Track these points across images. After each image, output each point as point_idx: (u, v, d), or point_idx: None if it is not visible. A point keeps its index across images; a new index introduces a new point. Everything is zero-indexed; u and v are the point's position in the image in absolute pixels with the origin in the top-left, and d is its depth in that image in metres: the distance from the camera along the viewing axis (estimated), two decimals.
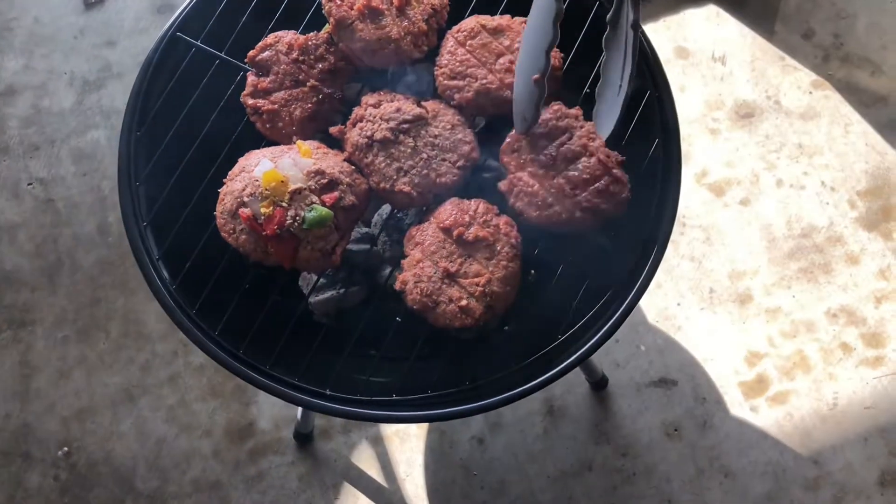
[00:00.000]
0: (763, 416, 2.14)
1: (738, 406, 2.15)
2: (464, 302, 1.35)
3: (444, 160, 1.42)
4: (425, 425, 2.15)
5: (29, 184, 2.47)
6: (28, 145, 2.51)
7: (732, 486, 2.08)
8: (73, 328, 2.30)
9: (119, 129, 1.51)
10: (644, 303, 2.26)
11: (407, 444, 2.15)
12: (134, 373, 2.24)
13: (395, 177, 1.41)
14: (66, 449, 2.18)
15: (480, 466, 2.12)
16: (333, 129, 1.46)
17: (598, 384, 2.16)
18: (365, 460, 2.14)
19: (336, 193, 1.36)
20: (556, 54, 1.48)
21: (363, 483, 2.12)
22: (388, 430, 2.16)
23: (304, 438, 2.13)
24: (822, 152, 2.40)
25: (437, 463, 2.13)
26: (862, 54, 2.51)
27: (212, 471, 2.14)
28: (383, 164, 1.41)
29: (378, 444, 2.15)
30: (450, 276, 1.37)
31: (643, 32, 1.43)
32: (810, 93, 2.48)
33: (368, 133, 1.42)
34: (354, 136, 1.43)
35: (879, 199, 2.34)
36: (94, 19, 2.66)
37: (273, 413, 2.18)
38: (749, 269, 2.29)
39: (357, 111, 1.45)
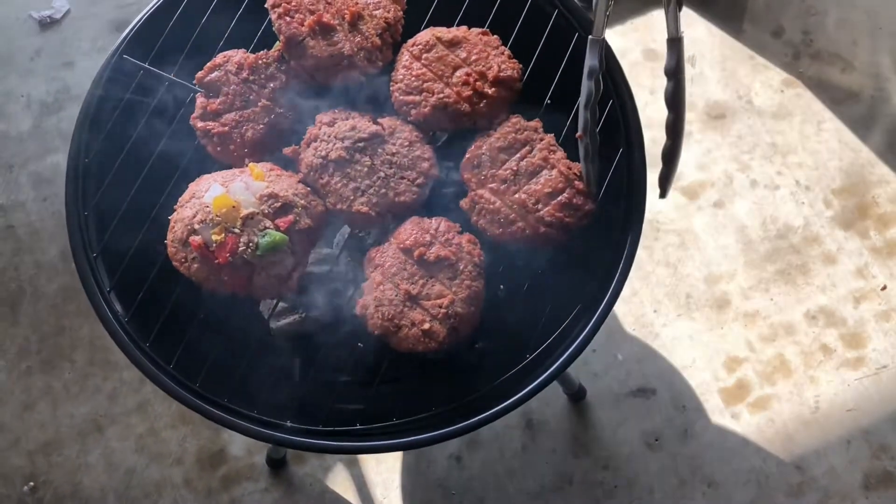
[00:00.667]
0: (744, 422, 2.11)
1: (718, 413, 2.12)
2: (427, 325, 1.31)
3: (402, 178, 1.38)
4: None
5: None
6: None
7: (716, 496, 2.04)
8: (37, 358, 2.23)
9: None
10: (620, 311, 2.22)
11: (383, 465, 2.10)
12: (101, 402, 2.18)
13: (352, 197, 1.37)
14: (31, 484, 2.11)
15: (459, 485, 2.07)
16: (287, 150, 1.41)
17: (576, 396, 2.12)
18: (340, 483, 2.09)
19: (291, 217, 1.31)
20: (514, 65, 1.44)
21: None
22: None
23: (277, 463, 2.08)
24: (796, 151, 2.38)
25: (415, 484, 2.08)
26: (832, 51, 2.49)
27: (184, 500, 2.09)
28: (340, 185, 1.37)
29: (354, 466, 2.10)
30: (412, 299, 1.32)
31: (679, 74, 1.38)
32: (782, 91, 2.45)
33: (323, 153, 1.37)
34: (309, 156, 1.39)
35: (854, 197, 2.32)
36: (50, 40, 2.60)
37: (245, 438, 2.12)
38: (725, 272, 2.25)
39: (311, 131, 1.40)
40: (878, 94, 2.42)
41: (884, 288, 2.21)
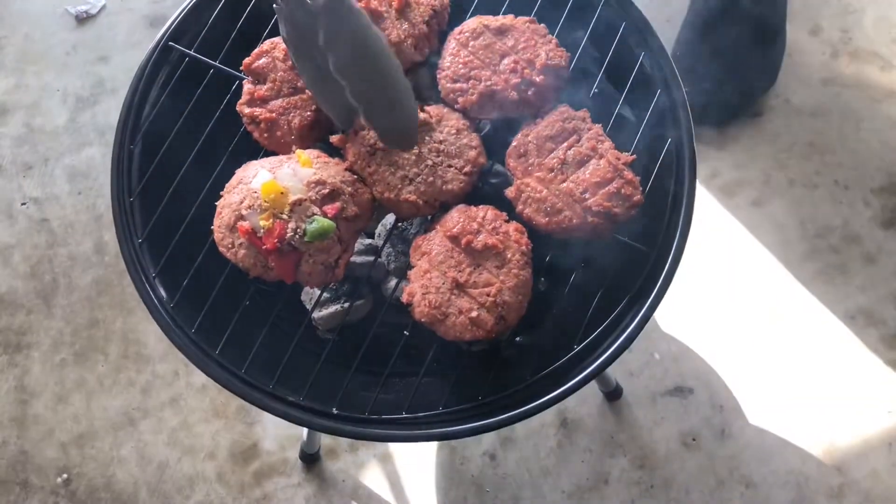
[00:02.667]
0: (783, 423, 2.08)
1: (756, 414, 2.09)
2: (474, 313, 1.29)
3: (450, 166, 1.37)
4: (436, 442, 2.08)
5: (23, 203, 2.42)
6: (21, 164, 2.46)
7: (754, 497, 2.01)
8: (71, 351, 2.24)
9: None
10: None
11: (417, 461, 2.08)
12: (134, 395, 2.18)
13: (399, 185, 1.35)
14: (65, 476, 2.11)
15: (493, 483, 2.05)
16: (334, 138, 1.40)
17: (613, 394, 2.10)
18: (374, 479, 2.07)
19: (338, 204, 1.30)
20: (562, 53, 1.43)
21: (373, 503, 2.06)
22: (398, 447, 2.10)
23: (310, 458, 2.07)
24: (835, 150, 2.35)
25: (449, 480, 2.06)
26: (871, 49, 2.46)
27: (216, 494, 2.08)
28: (387, 173, 1.36)
29: (387, 462, 2.08)
30: (459, 287, 1.31)
31: None
32: (820, 90, 2.42)
33: (371, 141, 1.36)
34: (356, 144, 1.37)
35: (895, 197, 2.28)
36: (86, 35, 2.61)
37: (278, 433, 2.12)
38: (763, 271, 2.23)
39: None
40: None
41: None
